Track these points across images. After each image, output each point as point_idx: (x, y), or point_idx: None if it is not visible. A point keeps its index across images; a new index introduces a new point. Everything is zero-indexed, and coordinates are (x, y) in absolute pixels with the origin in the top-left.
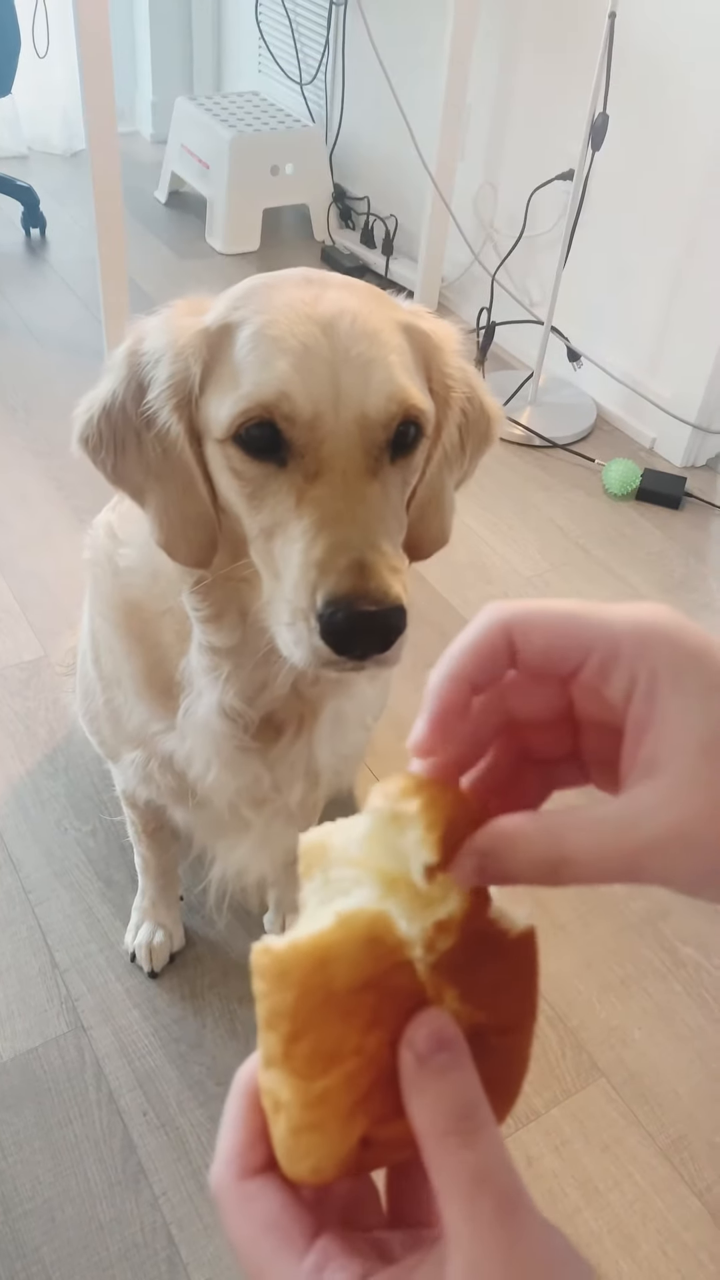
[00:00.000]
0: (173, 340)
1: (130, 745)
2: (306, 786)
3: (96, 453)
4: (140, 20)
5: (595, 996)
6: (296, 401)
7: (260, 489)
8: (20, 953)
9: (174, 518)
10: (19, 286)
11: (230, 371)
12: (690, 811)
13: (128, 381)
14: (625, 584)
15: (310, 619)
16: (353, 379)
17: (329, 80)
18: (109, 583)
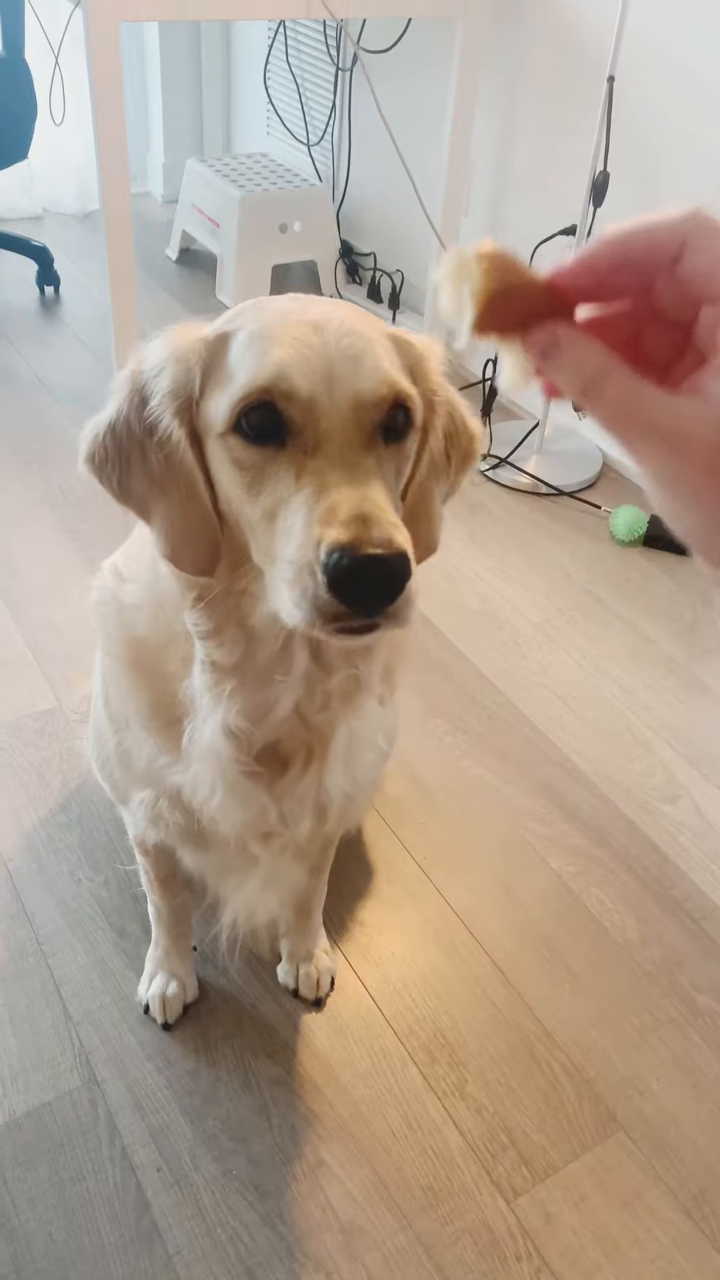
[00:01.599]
0: (173, 350)
1: (140, 786)
2: (315, 820)
3: (102, 470)
4: (152, 85)
5: (611, 1047)
6: (293, 380)
7: (261, 474)
8: (34, 1004)
9: (178, 526)
10: (34, 342)
11: (228, 372)
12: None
13: (131, 398)
14: (634, 629)
15: (315, 572)
16: (344, 366)
17: (335, 141)
18: (114, 621)
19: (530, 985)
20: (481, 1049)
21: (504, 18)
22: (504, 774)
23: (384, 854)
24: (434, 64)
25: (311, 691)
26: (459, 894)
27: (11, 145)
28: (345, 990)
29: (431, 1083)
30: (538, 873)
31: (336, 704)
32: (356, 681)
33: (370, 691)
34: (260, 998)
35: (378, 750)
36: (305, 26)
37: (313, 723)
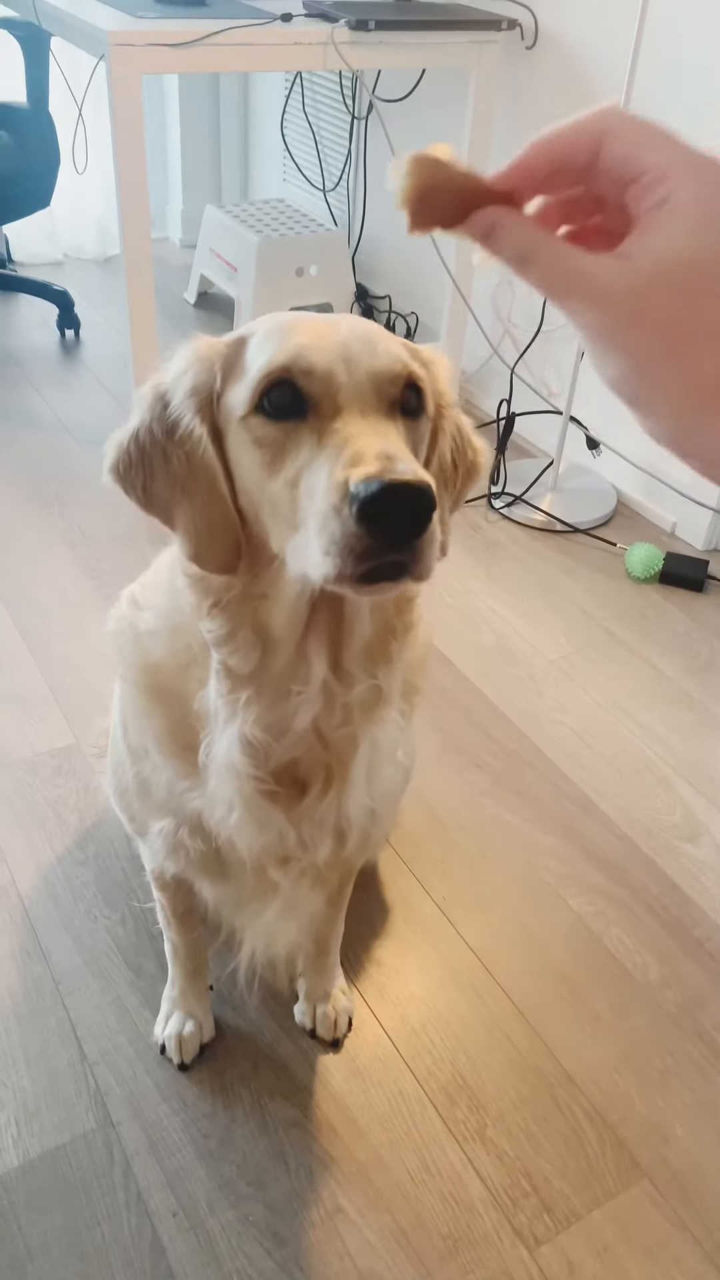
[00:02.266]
0: (194, 354)
1: (159, 815)
2: (334, 844)
3: (127, 477)
4: (171, 134)
5: (634, 1091)
6: (311, 358)
7: (282, 448)
8: (49, 1044)
9: (200, 526)
10: (55, 384)
11: (246, 365)
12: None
13: (153, 407)
14: (651, 666)
15: (342, 510)
16: (359, 348)
17: (351, 187)
18: (131, 648)
19: (551, 1027)
20: (502, 1092)
21: (516, 67)
22: (522, 812)
23: (401, 892)
24: (448, 112)
25: (330, 706)
26: (478, 933)
27: (35, 193)
28: (363, 1031)
29: (451, 1127)
30: (557, 912)
31: (358, 716)
32: (378, 693)
33: (391, 703)
34: (277, 1038)
35: (399, 766)
36: (321, 77)
37: (331, 740)
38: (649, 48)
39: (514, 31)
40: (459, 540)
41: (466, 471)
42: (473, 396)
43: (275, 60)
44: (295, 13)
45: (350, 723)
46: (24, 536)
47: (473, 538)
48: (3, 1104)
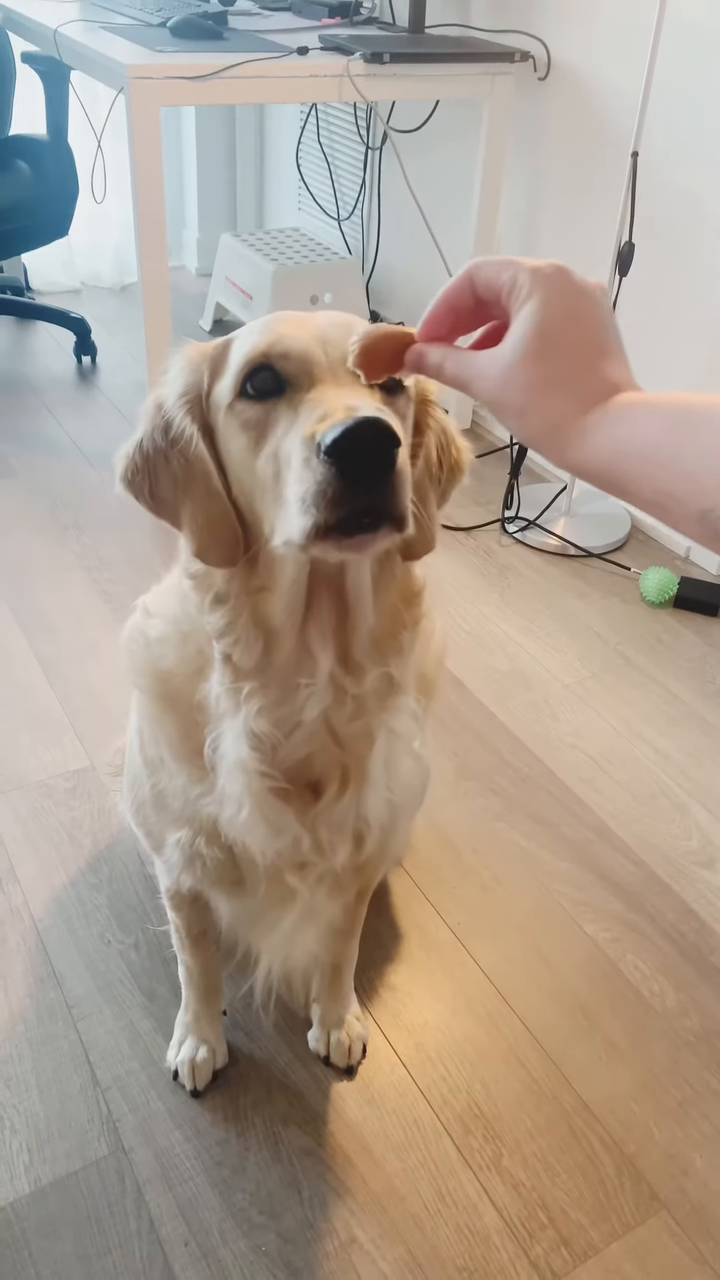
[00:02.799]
0: (183, 360)
1: (175, 827)
2: (353, 847)
3: (135, 483)
4: (188, 164)
5: (652, 1121)
6: (288, 343)
7: (264, 426)
8: (62, 1069)
9: (201, 522)
10: (71, 410)
11: (230, 362)
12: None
13: (153, 417)
14: (666, 690)
15: (312, 459)
16: (335, 333)
17: (365, 215)
18: (143, 655)
19: (567, 1055)
20: (518, 1121)
21: (529, 97)
22: (537, 837)
23: (415, 918)
24: (461, 142)
25: (340, 698)
26: (492, 960)
27: (54, 223)
28: (377, 1058)
29: (466, 1156)
30: (573, 939)
31: (372, 706)
32: (390, 681)
33: (406, 692)
34: (290, 1064)
35: (417, 758)
36: (336, 108)
37: (345, 737)
38: (661, 78)
39: (526, 63)
40: (473, 565)
41: (451, 469)
42: (485, 421)
43: (291, 92)
44: (311, 46)
45: (363, 715)
46: (41, 560)
47: (487, 562)
48: (15, 1129)
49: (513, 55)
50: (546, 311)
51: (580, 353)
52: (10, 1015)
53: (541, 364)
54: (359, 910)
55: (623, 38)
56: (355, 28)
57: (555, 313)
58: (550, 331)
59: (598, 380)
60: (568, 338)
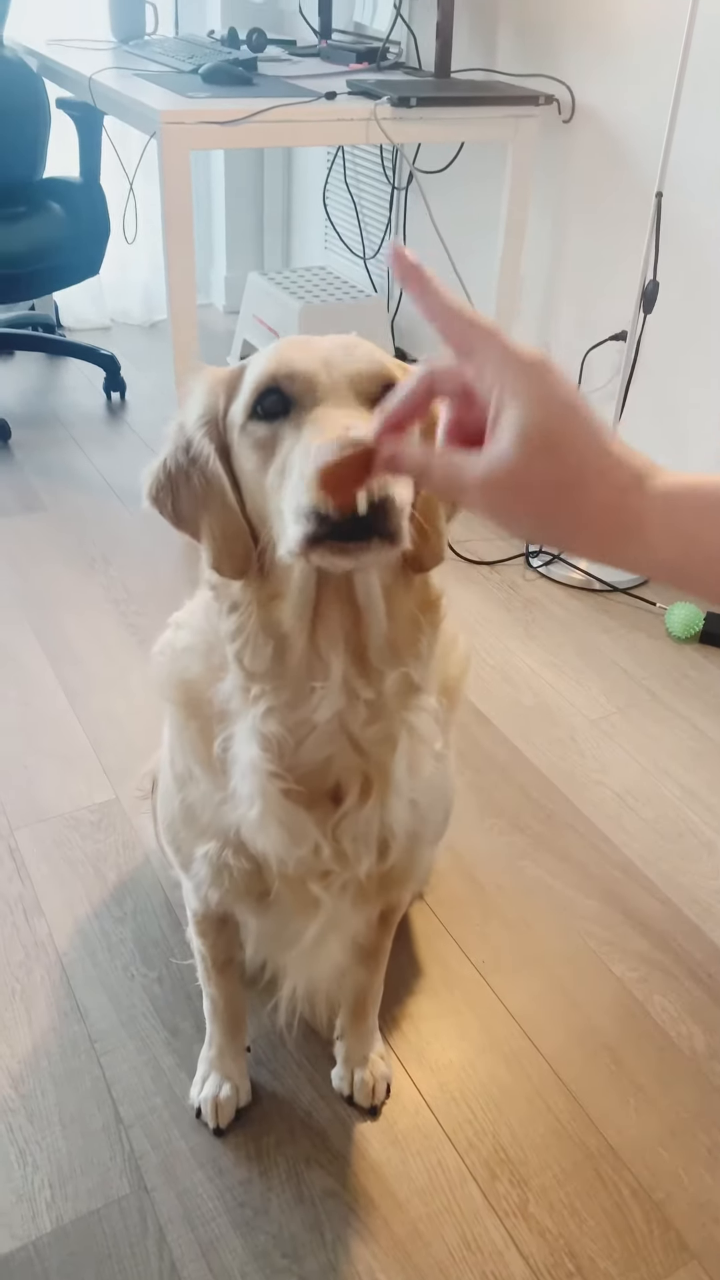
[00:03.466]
0: (202, 384)
1: (203, 840)
2: (377, 857)
3: (159, 499)
4: (217, 204)
5: (681, 1168)
6: (293, 366)
7: (272, 443)
8: (84, 1105)
9: (218, 536)
10: (100, 445)
11: (244, 385)
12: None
13: (176, 438)
14: (693, 727)
15: (307, 475)
16: (340, 355)
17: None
18: (170, 665)
19: (594, 1098)
20: (544, 1166)
21: (554, 139)
22: (563, 875)
23: (440, 956)
24: (486, 182)
25: (355, 702)
26: (518, 1000)
27: (85, 263)
28: (401, 1098)
29: (492, 1201)
30: (599, 979)
31: (392, 708)
32: (409, 681)
33: (426, 692)
34: (314, 1103)
35: (440, 761)
36: (363, 149)
37: (363, 741)
38: (684, 120)
39: (551, 106)
40: (497, 599)
41: None
42: None
43: (319, 136)
44: (339, 91)
45: (382, 718)
46: (69, 593)
47: (511, 596)
48: (38, 1166)
49: (537, 98)
50: (545, 407)
51: (587, 441)
52: (34, 1049)
53: (555, 460)
54: (384, 938)
55: (646, 80)
56: (382, 72)
57: (554, 406)
58: (551, 426)
59: (616, 465)
60: (570, 428)
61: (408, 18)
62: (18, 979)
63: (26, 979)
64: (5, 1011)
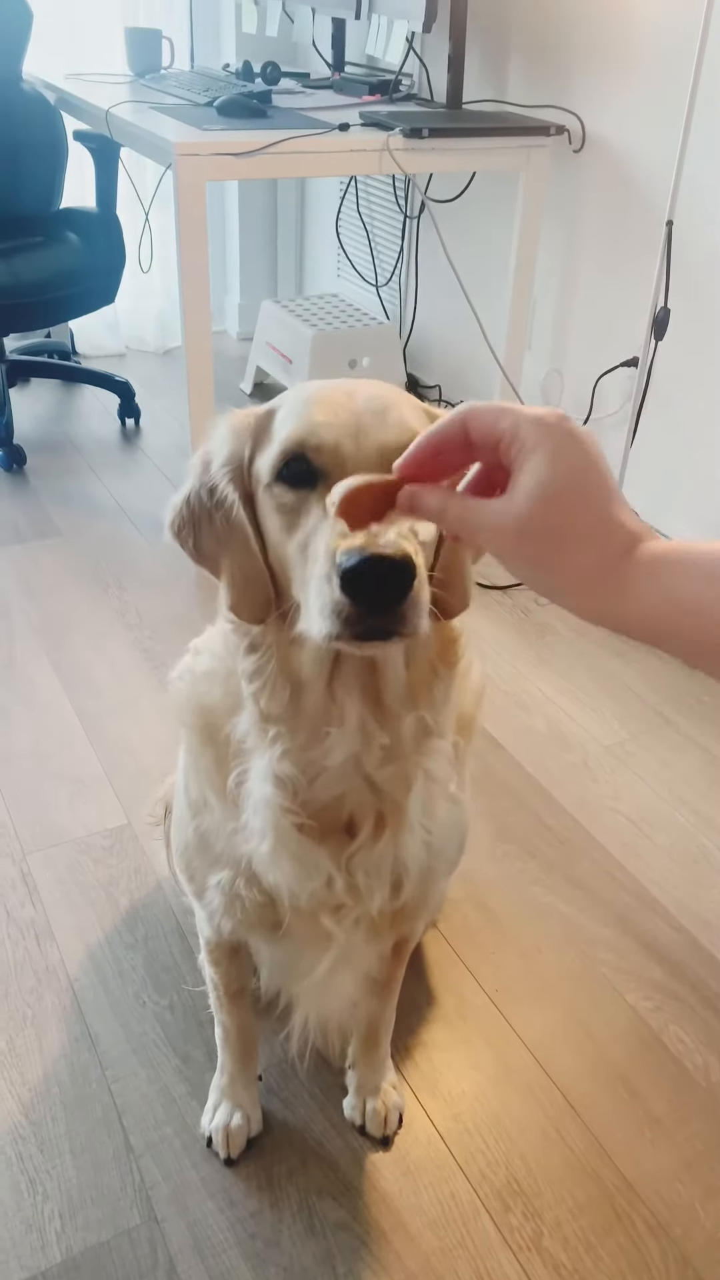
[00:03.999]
0: (228, 428)
1: (217, 868)
2: (391, 892)
3: (181, 534)
4: (231, 233)
5: (698, 1202)
6: (322, 435)
7: (297, 513)
8: (95, 1134)
9: (238, 579)
10: (115, 471)
11: (272, 436)
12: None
13: (200, 474)
14: (707, 753)
15: (332, 578)
16: (371, 420)
17: (402, 282)
18: (188, 690)
19: (609, 1130)
20: (559, 1199)
21: (564, 169)
22: (577, 902)
23: (452, 984)
24: (498, 211)
25: (369, 744)
26: (532, 1029)
27: (101, 291)
28: (413, 1128)
29: (506, 1235)
30: (614, 1008)
31: (408, 750)
32: (424, 726)
33: (442, 736)
34: (325, 1133)
35: (455, 801)
36: (375, 179)
37: (378, 781)
38: (694, 150)
39: (561, 136)
40: (510, 624)
41: None
42: None
43: (333, 166)
44: (352, 122)
45: (397, 760)
46: (84, 619)
47: (524, 621)
48: (48, 1195)
49: (548, 129)
50: (557, 463)
51: (595, 502)
52: (45, 1076)
53: (560, 515)
54: (397, 968)
55: (656, 111)
56: (395, 104)
57: (565, 463)
58: (563, 483)
59: (617, 529)
60: (581, 488)
61: (420, 50)
62: (29, 1005)
63: (38, 1005)
64: (17, 1037)
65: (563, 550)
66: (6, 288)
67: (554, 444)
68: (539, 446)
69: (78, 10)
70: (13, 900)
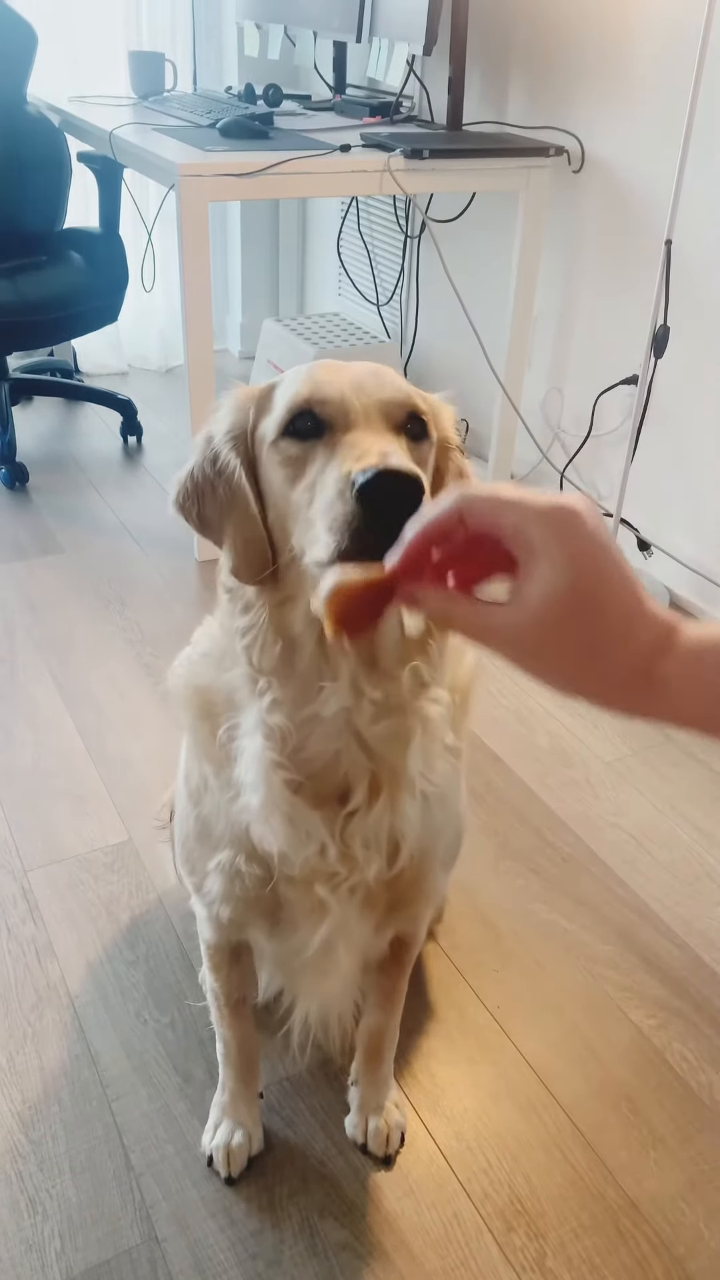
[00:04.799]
0: (230, 402)
1: (216, 851)
2: (386, 859)
3: (185, 506)
4: (233, 252)
5: (702, 1221)
6: (326, 391)
7: (303, 461)
8: (96, 1152)
9: (239, 543)
10: (117, 488)
11: (274, 405)
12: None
13: (203, 449)
14: (708, 769)
15: (345, 494)
16: (369, 382)
17: (403, 301)
18: (186, 672)
19: (612, 1149)
20: (562, 1219)
21: (564, 189)
22: (579, 919)
23: (455, 1001)
24: (498, 231)
25: (360, 701)
26: (534, 1046)
27: (104, 310)
28: (416, 1147)
29: (509, 1255)
30: (616, 1025)
31: (403, 704)
32: (418, 675)
33: (437, 686)
34: (327, 1151)
35: (452, 757)
36: (376, 199)
37: (371, 740)
38: (693, 170)
39: (561, 157)
40: None
41: None
42: None
43: (334, 187)
44: (353, 144)
45: (390, 715)
46: (85, 635)
47: None
48: (48, 1215)
49: (547, 150)
50: (570, 571)
51: (616, 607)
52: (45, 1094)
53: (579, 629)
54: (400, 978)
55: (654, 131)
56: (396, 126)
57: (579, 570)
58: (579, 594)
59: (643, 629)
60: (599, 595)
61: (420, 73)
62: (30, 1022)
63: (38, 1022)
64: (17, 1055)
65: (588, 662)
66: (11, 306)
67: (565, 550)
68: (547, 553)
69: (82, 34)
70: (14, 917)
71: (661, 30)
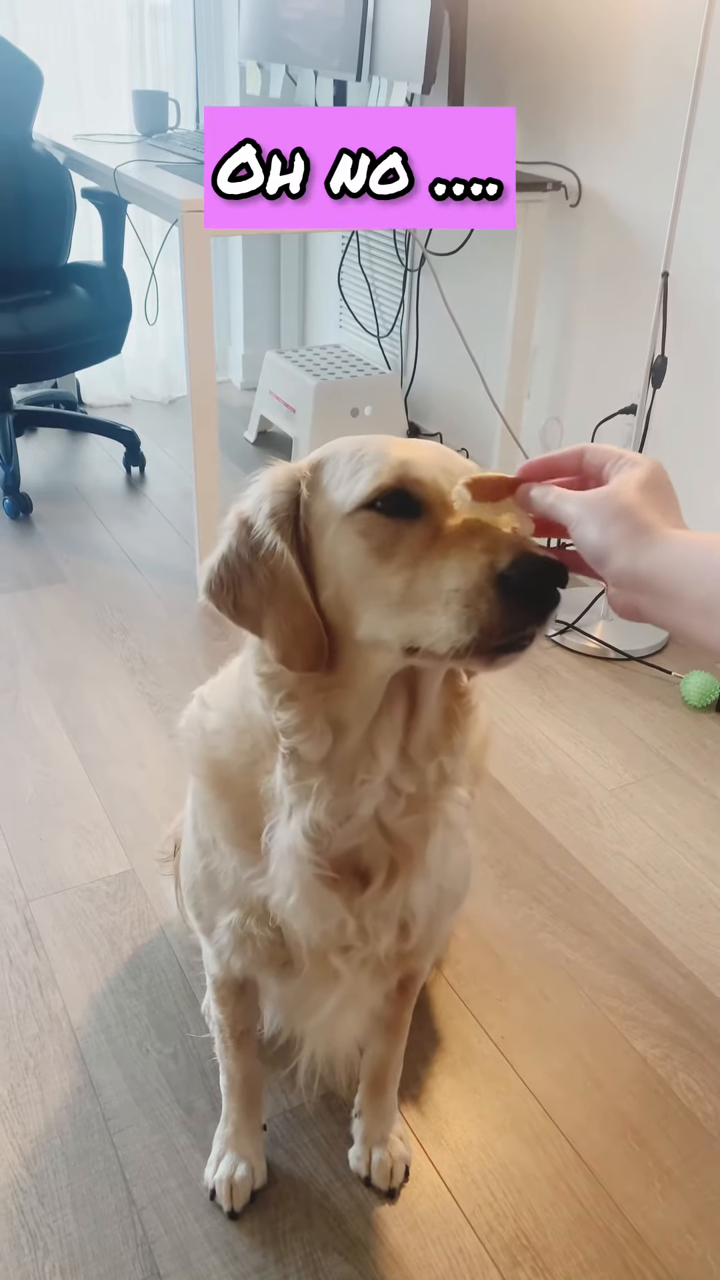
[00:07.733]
0: (271, 483)
1: (226, 908)
2: (398, 936)
3: (218, 595)
4: (234, 284)
5: (710, 1255)
6: (418, 471)
7: (392, 543)
8: (97, 1186)
9: (286, 631)
10: (120, 518)
11: (337, 480)
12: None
13: (239, 532)
14: (712, 797)
15: (486, 590)
16: (449, 463)
17: (404, 332)
18: (199, 745)
19: (618, 1181)
20: (568, 1253)
21: (561, 223)
22: (583, 948)
23: (459, 1032)
24: (497, 264)
25: (392, 796)
26: (539, 1077)
27: (108, 343)
28: (420, 1180)
29: None
30: (621, 1056)
31: (431, 797)
32: (443, 772)
33: (459, 782)
34: (330, 1185)
35: (464, 847)
36: (376, 233)
37: (394, 831)
38: (689, 204)
39: (558, 192)
40: (512, 668)
41: None
42: None
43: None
44: None
45: (415, 811)
46: (88, 664)
47: (526, 665)
48: (48, 1250)
49: (545, 185)
50: (649, 472)
51: (665, 500)
52: (47, 1127)
53: (642, 494)
54: (404, 1008)
55: (650, 166)
56: None
57: (655, 476)
58: (650, 482)
59: (673, 518)
60: (660, 490)
61: None
62: (31, 1054)
63: (40, 1053)
64: (19, 1087)
65: (634, 513)
66: (16, 340)
67: (650, 465)
68: (639, 464)
69: (87, 73)
70: (15, 947)
71: (657, 66)
